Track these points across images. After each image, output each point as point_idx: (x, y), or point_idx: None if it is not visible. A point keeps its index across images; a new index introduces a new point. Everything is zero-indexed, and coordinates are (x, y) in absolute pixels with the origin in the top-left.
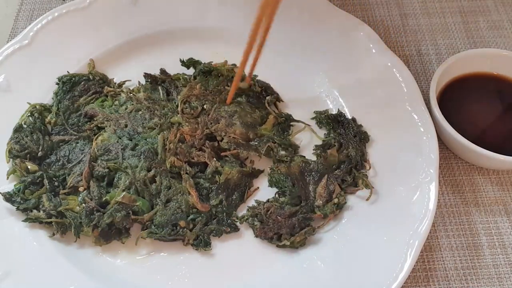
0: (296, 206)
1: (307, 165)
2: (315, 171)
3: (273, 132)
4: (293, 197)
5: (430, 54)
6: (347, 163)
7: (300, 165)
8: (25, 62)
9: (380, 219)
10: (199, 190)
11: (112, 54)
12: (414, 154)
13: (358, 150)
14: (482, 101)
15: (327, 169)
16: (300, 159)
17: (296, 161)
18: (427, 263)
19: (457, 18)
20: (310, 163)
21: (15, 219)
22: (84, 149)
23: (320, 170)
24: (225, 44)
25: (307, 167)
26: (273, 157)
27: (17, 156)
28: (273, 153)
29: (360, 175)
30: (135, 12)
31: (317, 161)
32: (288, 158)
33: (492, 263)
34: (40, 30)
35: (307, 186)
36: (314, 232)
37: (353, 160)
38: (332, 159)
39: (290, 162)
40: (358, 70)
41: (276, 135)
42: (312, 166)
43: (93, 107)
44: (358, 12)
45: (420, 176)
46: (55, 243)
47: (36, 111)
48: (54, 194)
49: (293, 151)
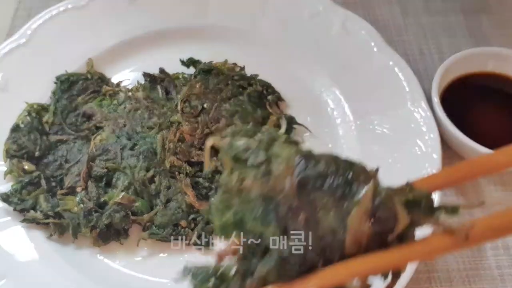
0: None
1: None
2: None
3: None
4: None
5: (432, 53)
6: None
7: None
8: (23, 61)
9: None
10: (199, 189)
11: (110, 53)
12: (416, 154)
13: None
14: (485, 100)
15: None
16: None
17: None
18: (429, 264)
19: (459, 17)
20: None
21: (12, 220)
22: (82, 149)
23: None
24: (226, 42)
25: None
26: None
27: (14, 156)
28: None
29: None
30: (134, 10)
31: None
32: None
33: (495, 264)
34: (38, 28)
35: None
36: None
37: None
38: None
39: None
40: (359, 69)
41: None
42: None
43: (92, 106)
44: (359, 10)
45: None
46: (53, 244)
47: (33, 111)
48: (52, 194)
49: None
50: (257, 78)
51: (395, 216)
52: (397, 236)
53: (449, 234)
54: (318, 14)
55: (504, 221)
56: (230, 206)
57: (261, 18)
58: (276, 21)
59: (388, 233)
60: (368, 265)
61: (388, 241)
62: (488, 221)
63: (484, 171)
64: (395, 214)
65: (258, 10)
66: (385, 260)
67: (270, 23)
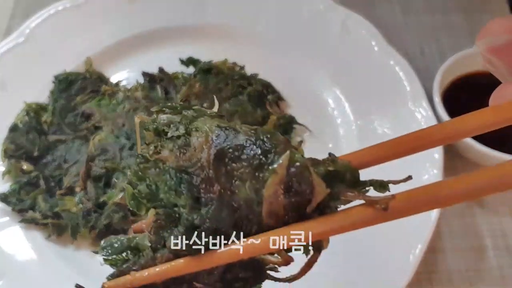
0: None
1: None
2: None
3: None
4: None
5: (433, 52)
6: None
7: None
8: (21, 60)
9: None
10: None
11: (109, 52)
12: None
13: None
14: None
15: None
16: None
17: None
18: (430, 265)
19: (460, 16)
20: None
21: (11, 220)
22: (81, 149)
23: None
24: (225, 42)
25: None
26: None
27: (12, 156)
28: None
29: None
30: (133, 9)
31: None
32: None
33: (497, 265)
34: (36, 27)
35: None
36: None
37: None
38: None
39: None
40: (360, 68)
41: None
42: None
43: (90, 106)
44: (360, 9)
45: (424, 176)
46: (51, 245)
47: (32, 110)
48: (51, 194)
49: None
50: (257, 77)
51: (312, 187)
52: (316, 208)
53: (370, 206)
54: (318, 13)
55: (426, 196)
56: (144, 178)
57: (261, 17)
58: (276, 20)
59: (306, 204)
60: (283, 237)
61: (307, 213)
62: (410, 194)
63: (418, 146)
64: (312, 185)
65: (258, 9)
66: (302, 232)
67: (270, 22)
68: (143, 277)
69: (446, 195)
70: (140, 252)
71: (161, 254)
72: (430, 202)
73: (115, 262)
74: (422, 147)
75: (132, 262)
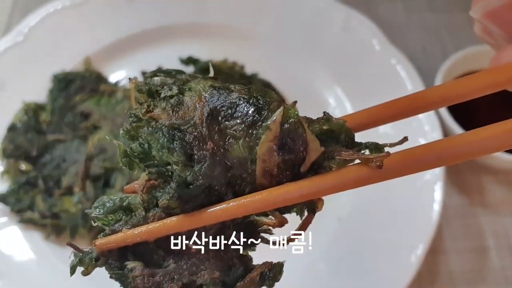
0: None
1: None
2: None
3: None
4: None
5: (435, 51)
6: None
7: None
8: (19, 59)
9: (384, 220)
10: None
11: (108, 52)
12: None
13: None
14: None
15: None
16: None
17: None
18: (432, 265)
19: (462, 14)
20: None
21: (9, 220)
22: (80, 149)
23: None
24: (225, 41)
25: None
26: None
27: (11, 155)
28: None
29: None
30: (132, 8)
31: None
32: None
33: (499, 265)
34: (34, 26)
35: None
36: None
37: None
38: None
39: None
40: (361, 67)
41: None
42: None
43: (89, 105)
44: (361, 8)
45: (425, 176)
46: (50, 245)
47: (30, 110)
48: (49, 194)
49: None
50: (257, 76)
51: (306, 144)
52: (310, 168)
53: (365, 165)
54: (320, 12)
55: (423, 154)
56: (136, 137)
57: (261, 16)
58: (276, 18)
59: (300, 163)
60: (278, 196)
61: (302, 173)
62: (406, 152)
63: (414, 109)
64: (306, 142)
65: (258, 8)
66: (296, 191)
67: (271, 21)
68: (135, 234)
69: (445, 152)
70: (132, 212)
71: (153, 213)
72: (428, 160)
73: (107, 222)
74: (419, 109)
75: (124, 221)
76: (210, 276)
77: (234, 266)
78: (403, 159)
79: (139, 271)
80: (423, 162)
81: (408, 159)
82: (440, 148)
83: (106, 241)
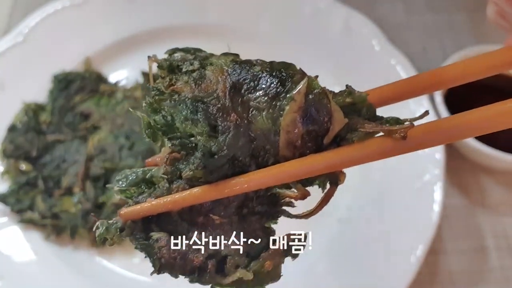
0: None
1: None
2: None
3: None
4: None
5: (436, 51)
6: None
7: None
8: (19, 59)
9: (384, 221)
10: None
11: (108, 52)
12: (419, 154)
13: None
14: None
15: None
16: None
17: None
18: (432, 266)
19: (462, 15)
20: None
21: (10, 220)
22: (80, 149)
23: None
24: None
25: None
26: None
27: (11, 156)
28: None
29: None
30: (132, 8)
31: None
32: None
33: (499, 266)
34: (35, 27)
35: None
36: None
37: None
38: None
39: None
40: (361, 67)
41: None
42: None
43: (89, 106)
44: (361, 8)
45: (425, 176)
46: (50, 245)
47: (30, 110)
48: (49, 195)
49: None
50: None
51: (330, 115)
52: (333, 139)
53: (388, 137)
54: (320, 12)
55: (444, 127)
56: (159, 110)
57: (262, 16)
58: (276, 18)
59: (324, 135)
60: (301, 167)
61: (324, 145)
62: (431, 125)
63: (434, 84)
64: (330, 113)
65: (259, 8)
66: (320, 163)
67: (271, 21)
68: (161, 203)
69: (468, 125)
70: (154, 185)
71: (176, 185)
72: (452, 133)
73: (130, 194)
74: (439, 85)
75: (148, 193)
76: (234, 247)
77: (257, 238)
78: (427, 131)
79: (164, 242)
80: (446, 134)
81: (431, 131)
82: (463, 121)
83: (131, 210)
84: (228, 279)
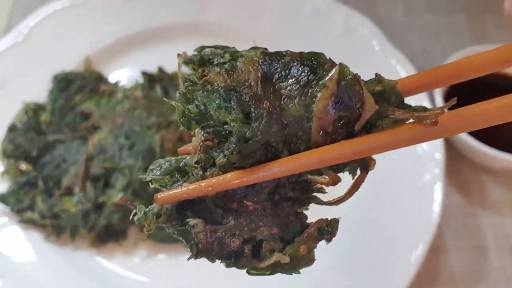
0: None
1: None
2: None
3: None
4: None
5: (436, 51)
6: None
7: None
8: (20, 59)
9: (384, 220)
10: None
11: (108, 51)
12: (419, 154)
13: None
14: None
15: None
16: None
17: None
18: (432, 266)
19: (462, 15)
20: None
21: (10, 220)
22: (80, 149)
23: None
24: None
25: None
26: None
27: (11, 156)
28: None
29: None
30: (132, 8)
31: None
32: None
33: (499, 266)
34: (35, 26)
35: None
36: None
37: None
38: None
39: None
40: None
41: None
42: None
43: (89, 105)
44: (361, 8)
45: (425, 176)
46: (50, 245)
47: (30, 110)
48: (49, 195)
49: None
50: None
51: (362, 101)
52: (364, 126)
53: (418, 123)
54: (319, 12)
55: (470, 114)
56: (192, 99)
57: (262, 16)
58: (276, 19)
59: (355, 121)
60: (333, 153)
61: (355, 131)
62: (459, 111)
63: (458, 74)
64: (362, 99)
65: (258, 8)
66: (351, 148)
67: (271, 21)
68: (197, 188)
69: (497, 111)
70: (188, 173)
71: (210, 172)
72: (481, 119)
73: (164, 183)
74: (465, 75)
75: (182, 181)
76: (269, 232)
77: (290, 223)
78: (457, 117)
79: (201, 227)
80: (476, 120)
81: (461, 117)
82: (493, 107)
83: (167, 195)
84: (265, 263)
